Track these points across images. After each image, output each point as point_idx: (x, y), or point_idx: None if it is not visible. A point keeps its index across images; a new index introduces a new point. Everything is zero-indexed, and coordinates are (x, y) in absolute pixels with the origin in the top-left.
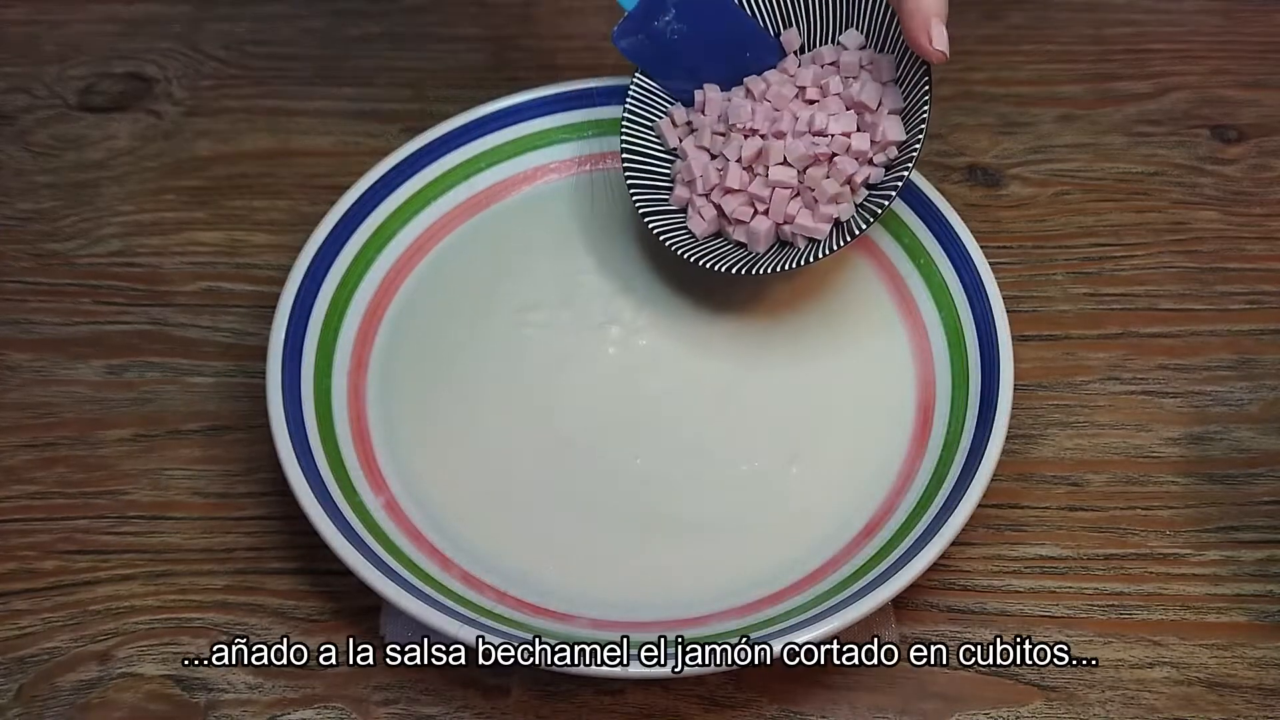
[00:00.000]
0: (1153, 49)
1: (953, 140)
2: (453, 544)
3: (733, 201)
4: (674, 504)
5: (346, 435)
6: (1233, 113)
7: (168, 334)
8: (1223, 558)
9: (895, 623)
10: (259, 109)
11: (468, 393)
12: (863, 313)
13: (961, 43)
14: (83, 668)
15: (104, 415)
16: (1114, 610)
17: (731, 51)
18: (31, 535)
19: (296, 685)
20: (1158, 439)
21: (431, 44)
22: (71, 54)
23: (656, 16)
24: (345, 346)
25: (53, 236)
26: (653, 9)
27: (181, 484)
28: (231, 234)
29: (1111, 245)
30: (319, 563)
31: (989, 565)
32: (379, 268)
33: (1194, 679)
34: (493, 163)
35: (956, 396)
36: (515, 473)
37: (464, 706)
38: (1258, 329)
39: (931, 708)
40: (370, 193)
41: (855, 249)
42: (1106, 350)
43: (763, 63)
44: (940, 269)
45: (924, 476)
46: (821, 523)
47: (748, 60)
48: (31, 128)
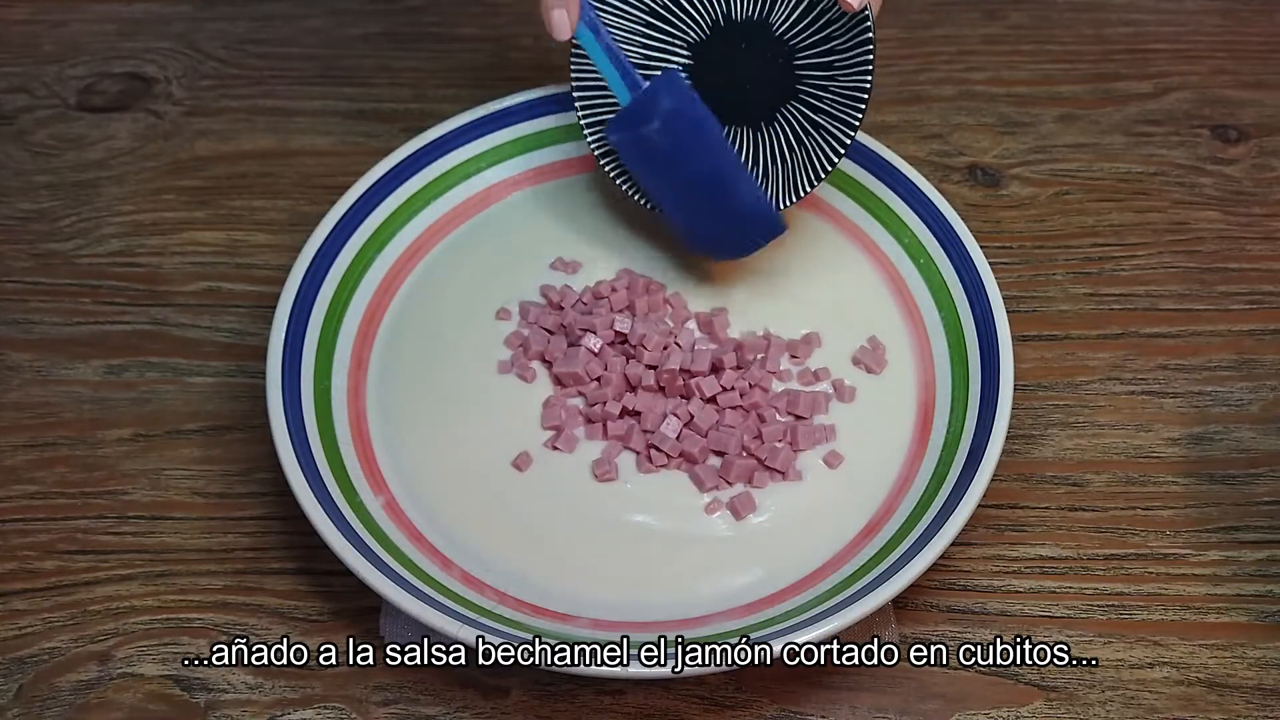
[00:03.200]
0: (1154, 49)
1: (953, 140)
2: (453, 544)
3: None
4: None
5: (346, 435)
6: (1234, 113)
7: (168, 334)
8: (1223, 558)
9: (895, 623)
10: (259, 109)
11: (468, 393)
12: (863, 312)
13: (962, 43)
14: (82, 668)
15: (104, 415)
16: (1114, 610)
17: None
18: (31, 535)
19: (296, 685)
20: (1158, 439)
21: (431, 44)
22: (71, 54)
23: (645, 121)
24: (345, 346)
25: (53, 236)
26: (642, 112)
27: (181, 484)
28: (231, 234)
29: (1112, 245)
30: (319, 563)
31: (989, 565)
32: (379, 268)
33: (1194, 679)
34: (493, 163)
35: (956, 396)
36: (516, 474)
37: (464, 707)
38: (1258, 329)
39: (932, 708)
40: (370, 193)
41: (856, 248)
42: (1107, 350)
43: (751, 231)
44: (940, 269)
45: (924, 476)
46: (821, 523)
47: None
48: (31, 128)
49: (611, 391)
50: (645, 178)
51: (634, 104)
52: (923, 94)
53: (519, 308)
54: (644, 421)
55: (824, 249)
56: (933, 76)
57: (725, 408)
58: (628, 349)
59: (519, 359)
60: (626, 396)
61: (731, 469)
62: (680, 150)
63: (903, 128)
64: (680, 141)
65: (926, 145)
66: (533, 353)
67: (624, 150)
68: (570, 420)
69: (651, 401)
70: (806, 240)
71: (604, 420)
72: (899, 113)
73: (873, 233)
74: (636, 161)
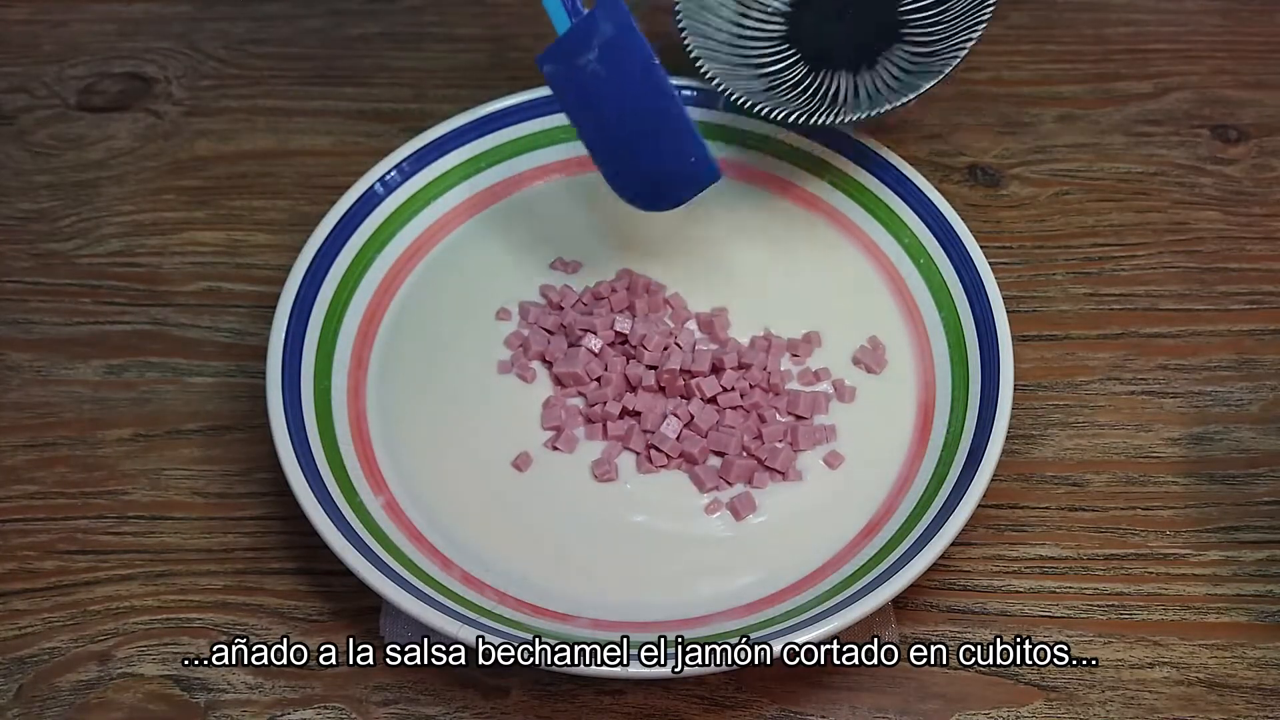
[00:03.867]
0: (1154, 49)
1: (953, 140)
2: (453, 544)
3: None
4: (674, 504)
5: (346, 435)
6: (1234, 113)
7: (168, 334)
8: (1223, 558)
9: (895, 623)
10: (259, 109)
11: (468, 393)
12: (863, 312)
13: None
14: (82, 668)
15: (104, 415)
16: (1114, 610)
17: (647, 136)
18: (31, 535)
19: (296, 685)
20: (1158, 439)
21: (431, 44)
22: (71, 54)
23: (581, 52)
24: (345, 346)
25: (53, 236)
26: (579, 42)
27: (181, 484)
28: (231, 234)
29: (1112, 245)
30: (319, 563)
31: (989, 565)
32: (379, 268)
33: (1194, 679)
34: (493, 163)
35: (956, 396)
36: (516, 474)
37: (464, 707)
38: (1259, 329)
39: (932, 708)
40: (370, 193)
41: (856, 248)
42: (1107, 350)
43: (681, 180)
44: (940, 269)
45: (924, 477)
46: (821, 523)
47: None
48: (31, 128)
49: (611, 391)
50: (575, 112)
51: (572, 31)
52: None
53: (519, 308)
54: (644, 422)
55: (824, 249)
56: None
57: (725, 408)
58: (628, 349)
59: (519, 359)
60: (627, 397)
61: (732, 469)
62: (615, 84)
63: (903, 128)
64: (615, 74)
65: (926, 145)
66: (533, 353)
67: (556, 83)
68: (570, 420)
69: (651, 402)
70: (807, 240)
71: (604, 420)
72: (899, 113)
73: (873, 233)
74: (568, 94)
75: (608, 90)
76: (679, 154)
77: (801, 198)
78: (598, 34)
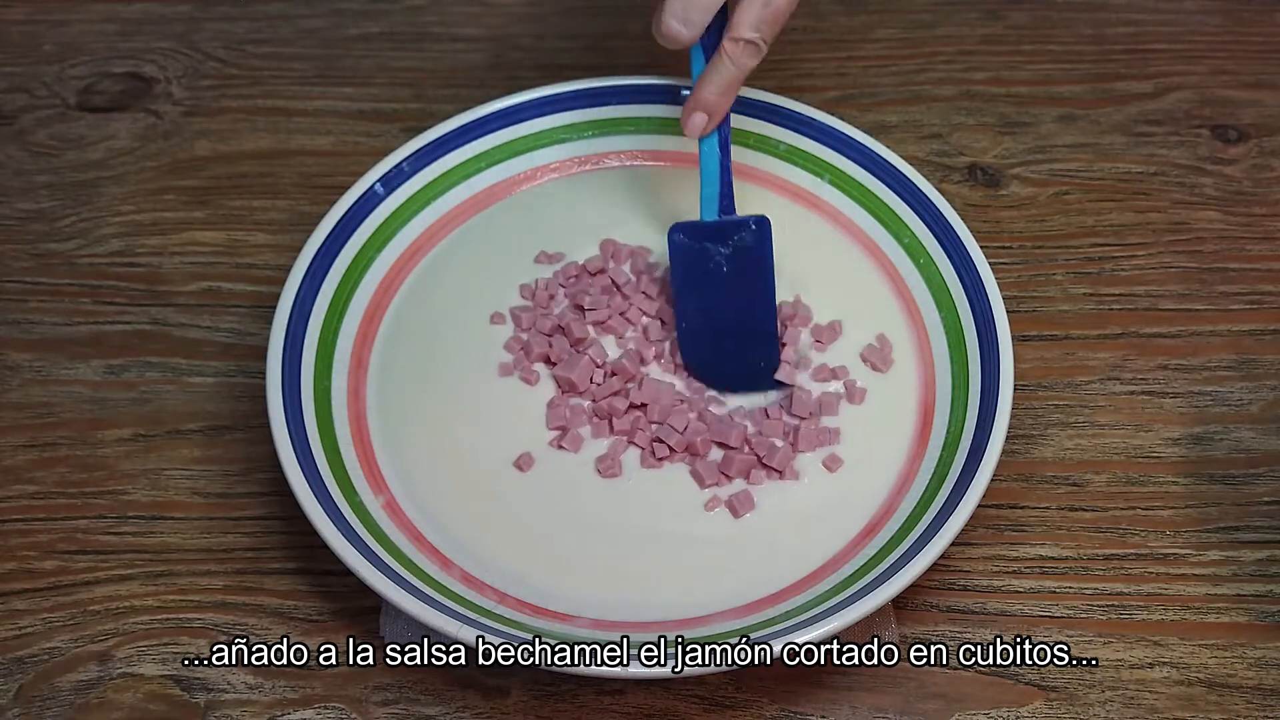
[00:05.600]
0: (1153, 49)
1: (953, 140)
2: (453, 544)
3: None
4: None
5: (346, 435)
6: (1233, 113)
7: (168, 334)
8: (1223, 558)
9: (895, 623)
10: (258, 109)
11: (468, 393)
12: (863, 312)
13: (962, 43)
14: (82, 668)
15: (104, 415)
16: (1114, 610)
17: (739, 334)
18: (31, 535)
19: (296, 685)
20: (1158, 439)
21: (431, 44)
22: (71, 54)
23: (717, 243)
24: (345, 346)
25: (53, 236)
26: (720, 235)
27: (181, 484)
28: (231, 234)
29: (1112, 245)
30: (319, 563)
31: (989, 565)
32: (379, 268)
33: (1194, 679)
34: (493, 163)
35: (956, 396)
36: (516, 474)
37: (464, 707)
38: (1258, 329)
39: (932, 708)
40: (370, 193)
41: (856, 247)
42: (1107, 350)
43: (747, 376)
44: (940, 269)
45: (924, 476)
46: (821, 523)
47: (743, 357)
48: (31, 127)
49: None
50: (683, 285)
51: (721, 223)
52: (923, 94)
53: (510, 315)
54: (650, 413)
55: (824, 248)
56: (933, 76)
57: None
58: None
59: (521, 362)
60: (633, 391)
61: (732, 464)
62: (733, 282)
63: (903, 128)
64: (737, 275)
65: (926, 145)
66: (535, 355)
67: (677, 253)
68: (575, 419)
69: (657, 392)
70: (807, 240)
71: (610, 416)
72: (899, 113)
73: (873, 233)
74: (684, 269)
75: (723, 284)
76: (756, 356)
77: (802, 198)
78: (740, 237)
